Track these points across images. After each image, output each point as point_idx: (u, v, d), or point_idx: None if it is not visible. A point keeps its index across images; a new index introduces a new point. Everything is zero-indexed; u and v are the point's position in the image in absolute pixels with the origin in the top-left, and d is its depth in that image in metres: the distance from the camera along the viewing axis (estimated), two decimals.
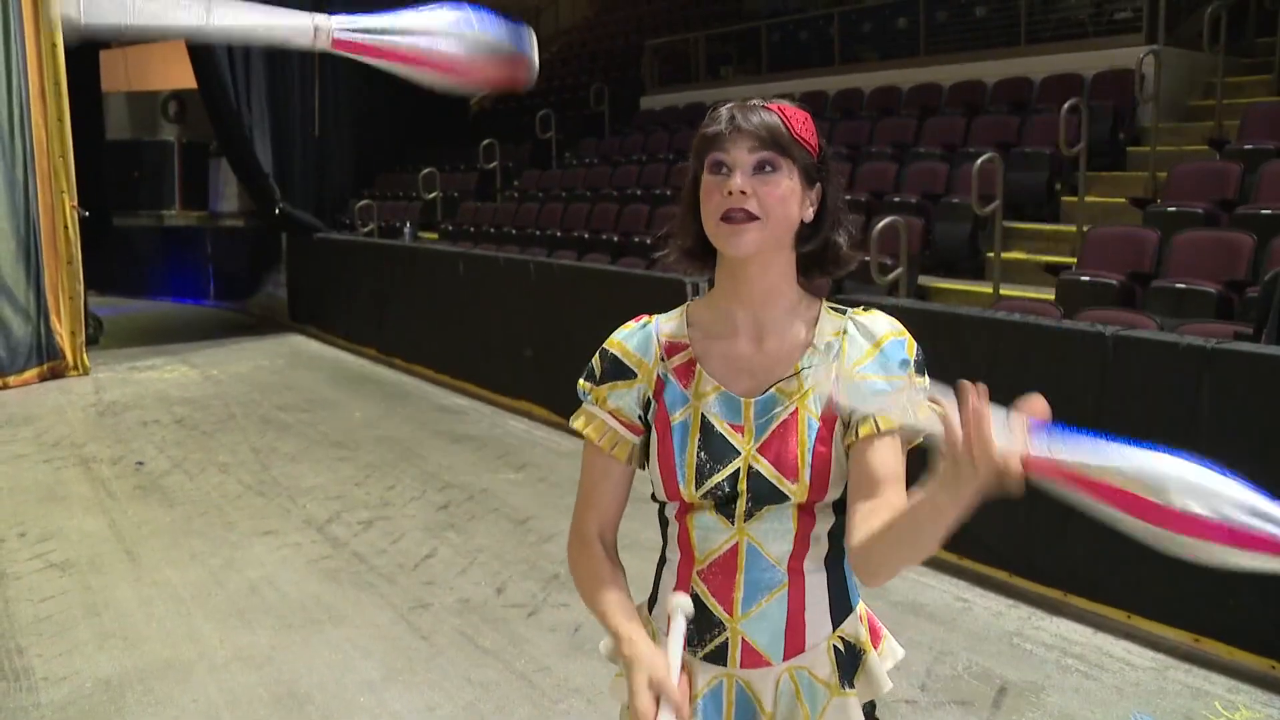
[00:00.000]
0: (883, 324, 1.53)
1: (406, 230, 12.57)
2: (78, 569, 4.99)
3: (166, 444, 7.35)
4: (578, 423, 1.65)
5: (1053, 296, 6.14)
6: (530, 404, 8.08)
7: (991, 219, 7.23)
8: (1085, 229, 7.01)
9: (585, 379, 1.64)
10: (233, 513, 5.82)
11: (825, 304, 1.58)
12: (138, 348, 11.60)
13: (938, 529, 1.27)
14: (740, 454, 1.49)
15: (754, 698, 1.54)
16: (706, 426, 1.51)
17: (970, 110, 9.59)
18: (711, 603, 1.53)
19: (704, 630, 1.54)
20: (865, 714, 1.58)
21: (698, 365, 1.55)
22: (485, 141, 13.52)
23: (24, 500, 6.09)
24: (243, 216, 15.30)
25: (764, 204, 1.44)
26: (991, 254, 7.33)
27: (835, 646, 1.55)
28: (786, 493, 1.48)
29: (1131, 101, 8.60)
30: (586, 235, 10.27)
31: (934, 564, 4.86)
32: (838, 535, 1.53)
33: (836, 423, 1.49)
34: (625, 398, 1.59)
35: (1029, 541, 4.51)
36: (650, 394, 1.57)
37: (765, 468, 1.48)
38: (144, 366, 10.49)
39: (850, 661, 1.56)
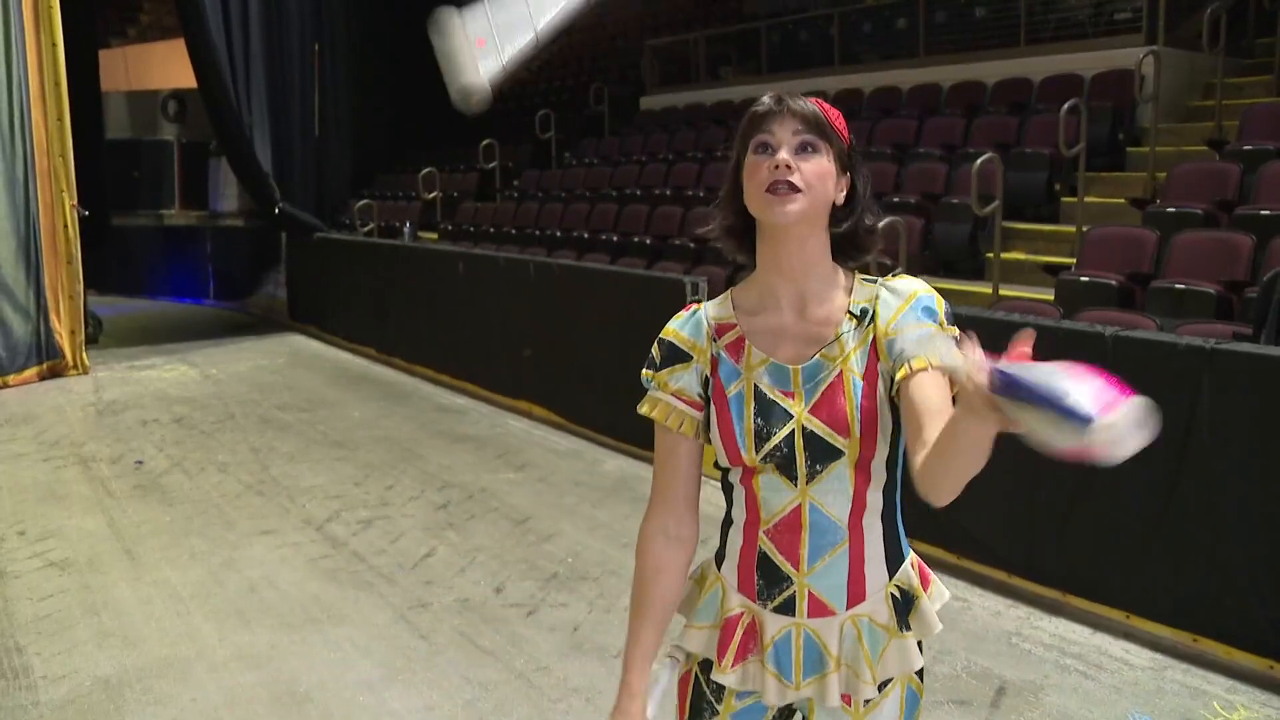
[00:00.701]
0: (911, 284, 1.67)
1: (406, 230, 12.57)
2: (77, 568, 4.99)
3: (166, 443, 7.35)
4: (644, 409, 1.75)
5: (1052, 297, 6.15)
6: (530, 404, 8.08)
7: (991, 219, 7.24)
8: (1085, 229, 7.02)
9: (647, 368, 1.75)
10: (232, 512, 5.82)
11: (858, 275, 1.71)
12: (137, 347, 11.60)
13: (977, 442, 1.43)
14: (793, 416, 1.62)
15: (821, 644, 1.66)
16: (760, 395, 1.64)
17: (970, 111, 9.59)
18: (779, 559, 1.66)
19: (773, 585, 1.67)
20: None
21: (746, 341, 1.67)
22: (485, 142, 13.53)
23: (23, 499, 6.09)
24: (242, 216, 15.30)
25: (806, 178, 1.58)
26: (991, 254, 7.34)
27: (892, 594, 1.68)
28: (840, 447, 1.60)
29: (1131, 102, 8.61)
30: (586, 235, 10.28)
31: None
32: (890, 492, 1.66)
33: (879, 380, 1.61)
34: (685, 378, 1.71)
35: (1028, 541, 4.51)
36: (707, 373, 1.69)
37: (819, 426, 1.60)
38: (143, 366, 10.49)
39: (905, 606, 1.68)
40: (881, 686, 1.69)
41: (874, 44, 12.30)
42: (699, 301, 1.77)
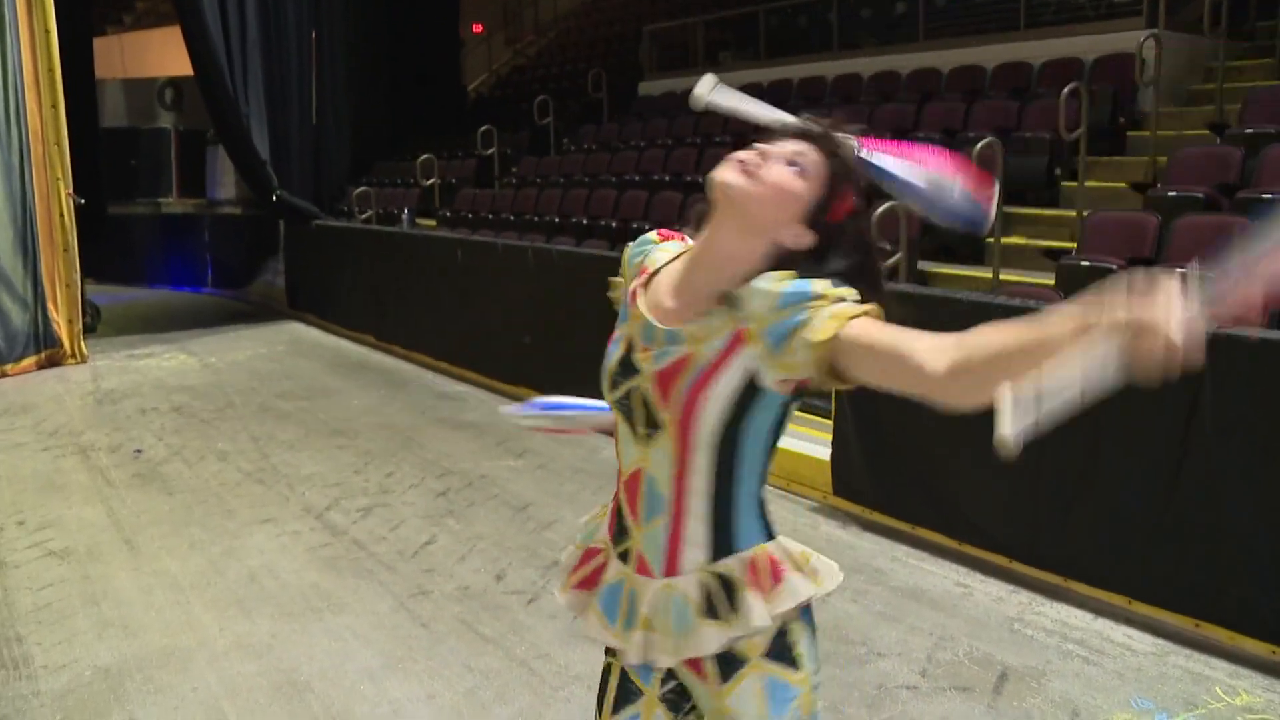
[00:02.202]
0: (777, 278, 1.58)
1: (405, 217, 12.54)
2: (76, 557, 4.99)
3: (165, 432, 7.34)
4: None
5: (1052, 281, 6.13)
6: (529, 390, 8.06)
7: None
8: (1085, 214, 6.99)
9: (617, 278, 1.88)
10: (232, 501, 5.81)
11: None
12: (136, 336, 11.58)
13: (1084, 355, 1.35)
14: (639, 373, 1.66)
15: (638, 600, 1.70)
16: (630, 344, 1.70)
17: (969, 95, 9.55)
18: (626, 511, 1.73)
19: (620, 534, 1.75)
20: (772, 657, 1.67)
21: (644, 291, 1.73)
22: (483, 128, 13.47)
23: (22, 489, 6.08)
24: (240, 204, 15.25)
25: (764, 175, 1.57)
26: (991, 239, 7.31)
27: (703, 581, 1.66)
28: (660, 421, 1.64)
29: (1132, 86, 8.57)
30: (585, 221, 10.25)
31: (934, 549, 4.86)
32: (723, 482, 1.64)
33: (730, 369, 1.58)
34: (619, 289, 1.83)
35: (1030, 527, 4.50)
36: (625, 302, 1.78)
37: (650, 392, 1.64)
38: (142, 354, 10.47)
39: (721, 595, 1.64)
40: (729, 670, 1.66)
41: (873, 28, 12.25)
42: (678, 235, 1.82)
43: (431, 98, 15.68)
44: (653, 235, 1.84)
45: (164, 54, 16.61)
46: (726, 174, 1.59)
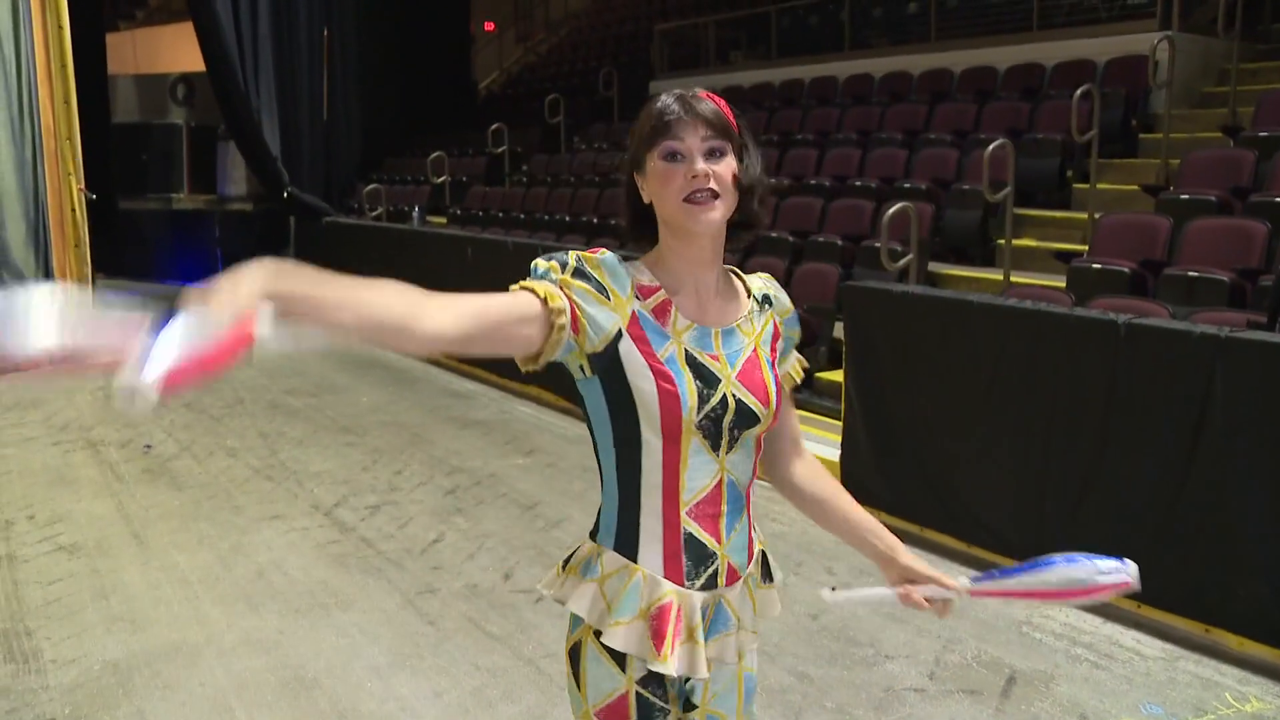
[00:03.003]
0: (784, 294, 1.82)
1: (415, 214, 12.55)
2: (86, 552, 5.00)
3: (174, 428, 7.36)
4: (523, 284, 1.64)
5: (1064, 284, 6.11)
6: (539, 389, 8.07)
7: (1002, 206, 7.20)
8: (1097, 216, 6.98)
9: (552, 262, 1.65)
10: (240, 497, 5.82)
11: (733, 268, 1.78)
12: None
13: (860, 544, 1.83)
14: (722, 380, 1.64)
15: (730, 608, 1.71)
16: (691, 358, 1.63)
17: (981, 96, 9.53)
18: (704, 537, 1.66)
19: (699, 564, 1.67)
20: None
21: (673, 305, 1.65)
22: (494, 126, 13.49)
23: (33, 483, 6.10)
24: (251, 200, 15.30)
25: (722, 183, 1.60)
26: (1002, 241, 7.30)
27: (763, 550, 1.81)
28: (760, 416, 1.66)
29: (1144, 88, 8.54)
30: (595, 220, 10.25)
31: (943, 551, 4.85)
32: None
33: (772, 355, 1.74)
34: (596, 310, 1.59)
35: (1038, 529, 4.49)
36: (623, 327, 1.60)
37: (744, 394, 1.65)
38: None
39: (765, 561, 1.82)
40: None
41: (885, 28, 12.23)
42: (605, 249, 1.69)
43: (442, 95, 15.71)
44: (595, 254, 1.66)
45: (176, 50, 16.65)
46: (707, 215, 1.60)
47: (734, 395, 1.63)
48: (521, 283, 1.65)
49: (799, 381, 1.81)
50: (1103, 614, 4.20)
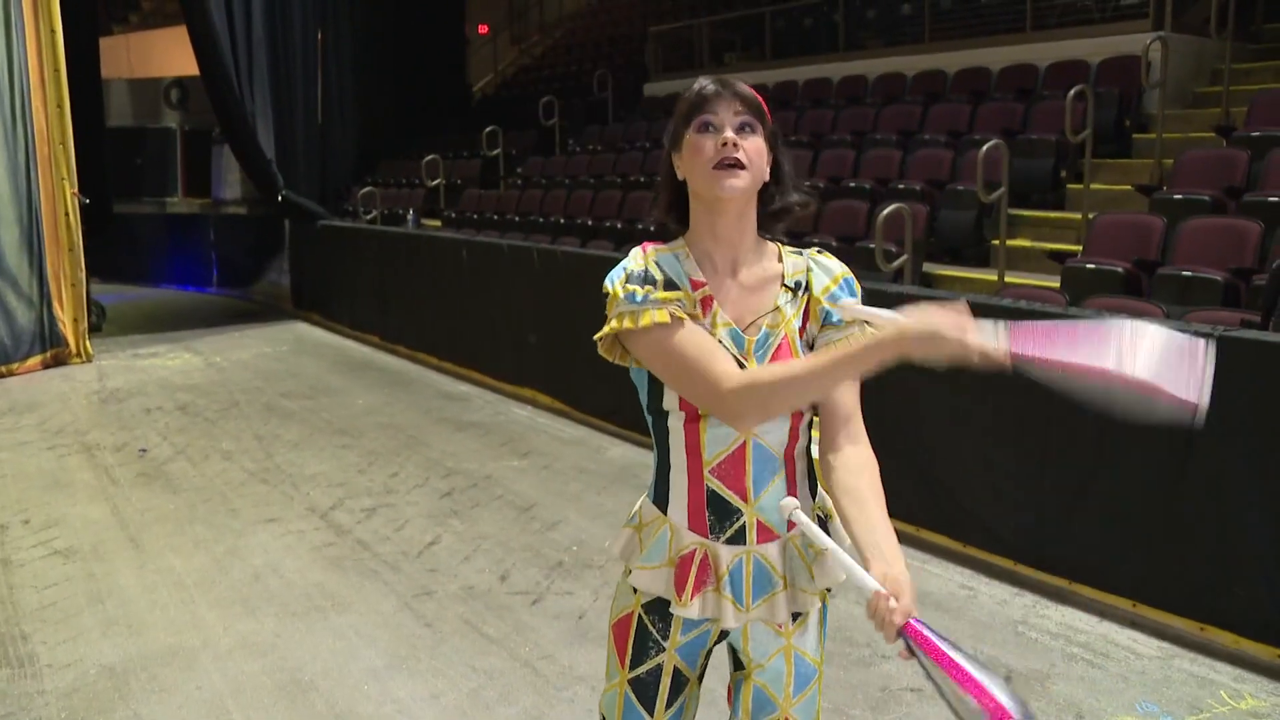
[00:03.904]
0: (837, 265, 1.86)
1: (410, 217, 12.54)
2: (81, 556, 4.99)
3: (170, 431, 7.35)
4: (639, 320, 1.73)
5: (1058, 284, 6.11)
6: (534, 391, 8.07)
7: (996, 206, 7.20)
8: (1091, 216, 6.99)
9: (632, 283, 1.76)
10: (236, 500, 5.82)
11: (784, 247, 1.87)
12: (141, 335, 11.60)
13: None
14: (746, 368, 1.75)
15: (769, 566, 1.81)
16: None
17: (975, 97, 9.54)
18: (728, 494, 1.80)
19: (724, 519, 1.80)
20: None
21: (715, 302, 1.79)
22: (489, 128, 13.48)
23: (28, 487, 6.09)
24: (246, 203, 15.27)
25: (749, 155, 1.73)
26: (996, 241, 7.30)
27: (817, 515, 1.88)
28: None
29: (1138, 88, 8.55)
30: (590, 222, 10.25)
31: (939, 552, 4.86)
32: (809, 429, 1.85)
33: (803, 341, 1.81)
34: (680, 303, 1.76)
35: (1035, 530, 4.50)
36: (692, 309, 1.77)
37: None
38: (147, 354, 10.49)
39: (824, 526, 1.87)
40: (793, 616, 1.86)
41: (879, 30, 12.24)
42: (651, 246, 1.84)
43: (437, 98, 15.69)
44: (648, 252, 1.81)
45: (170, 53, 16.63)
46: (732, 182, 1.72)
47: None
48: (630, 322, 1.74)
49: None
50: (1099, 613, 4.21)
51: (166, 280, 16.15)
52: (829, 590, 1.88)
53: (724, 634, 1.90)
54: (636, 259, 1.80)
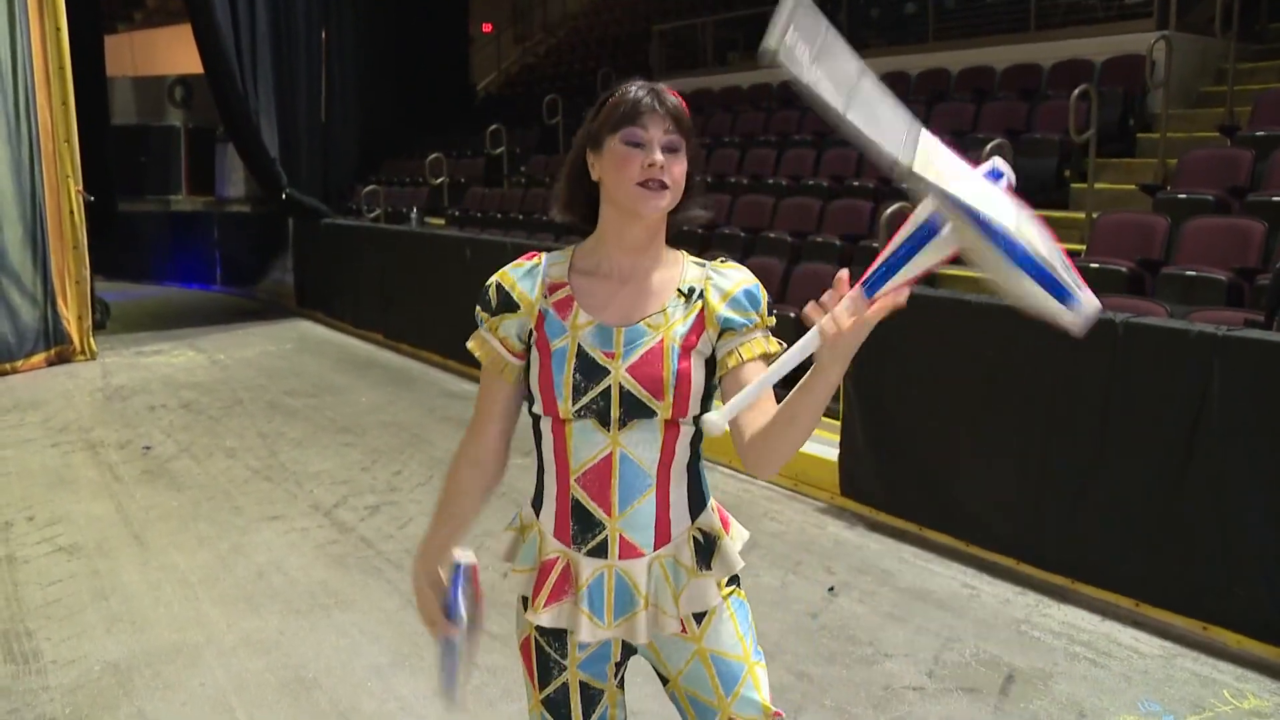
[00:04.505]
0: (737, 274, 1.81)
1: (413, 215, 12.56)
2: (85, 553, 5.00)
3: (174, 429, 7.36)
4: (471, 345, 1.90)
5: None
6: None
7: None
8: (1095, 216, 6.98)
9: (481, 308, 1.88)
10: (240, 497, 5.83)
11: (688, 257, 1.84)
12: (144, 333, 11.61)
13: (816, 403, 1.58)
14: (610, 373, 1.73)
15: (631, 584, 1.78)
16: (581, 353, 1.75)
17: (979, 96, 9.54)
18: (591, 505, 1.78)
19: (586, 530, 1.79)
20: (728, 584, 1.86)
21: (575, 301, 1.79)
22: (492, 127, 13.48)
23: (32, 484, 6.10)
24: (249, 202, 15.30)
25: (674, 178, 1.72)
26: None
27: (695, 537, 1.81)
28: (654, 408, 1.73)
29: (1142, 88, 8.55)
30: None
31: (942, 551, 4.86)
32: (696, 444, 1.80)
33: (698, 348, 1.75)
34: (510, 327, 1.83)
35: (1037, 528, 4.50)
36: (531, 326, 1.80)
37: (634, 386, 1.73)
38: (151, 351, 10.50)
39: (707, 548, 1.81)
40: (700, 615, 1.82)
41: (882, 29, 12.24)
42: (540, 252, 1.89)
43: (440, 96, 15.70)
44: (523, 261, 1.88)
45: (174, 52, 16.65)
46: (655, 203, 1.72)
47: (622, 387, 1.72)
48: (469, 346, 1.90)
49: (756, 357, 1.74)
50: (1101, 612, 4.21)
51: (170, 278, 16.16)
52: (734, 583, 1.86)
53: (631, 650, 1.88)
54: (508, 270, 1.86)
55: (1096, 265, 5.97)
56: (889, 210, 6.49)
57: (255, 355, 10.28)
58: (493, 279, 1.87)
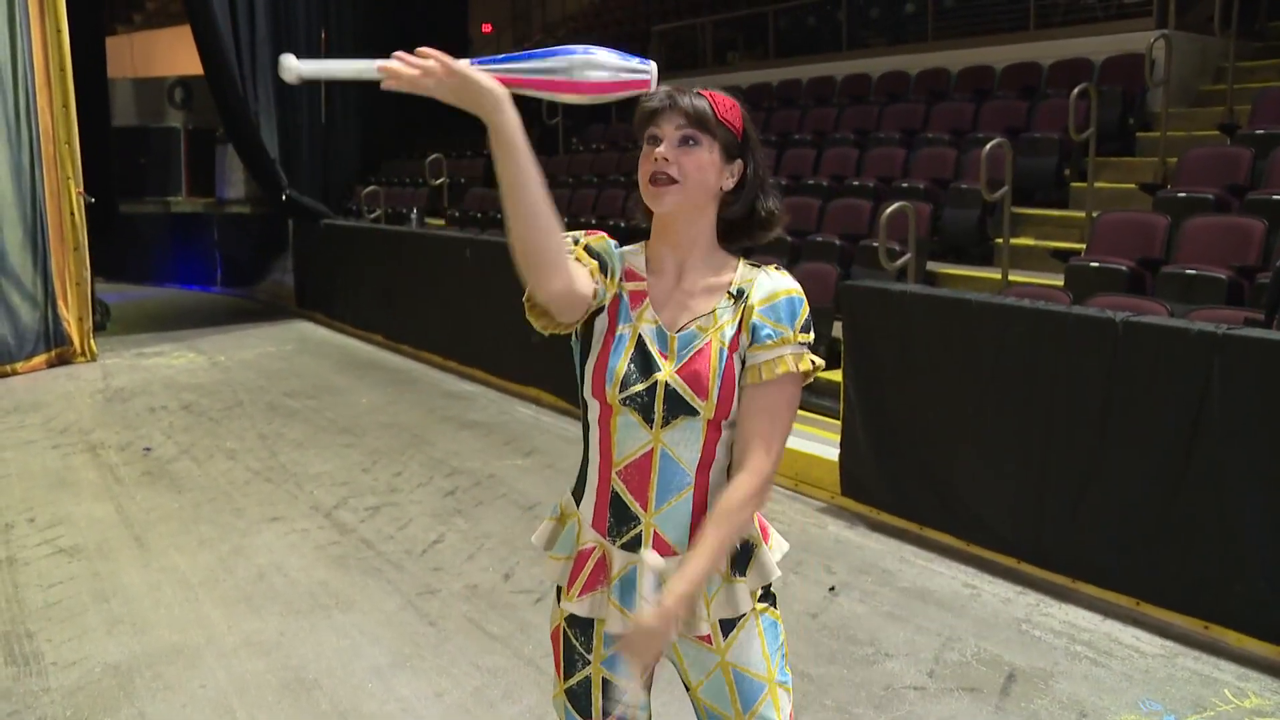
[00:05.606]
0: (786, 282, 1.81)
1: (413, 216, 12.56)
2: (86, 555, 5.01)
3: (174, 430, 7.36)
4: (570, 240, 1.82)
5: (1062, 282, 6.12)
6: (538, 390, 8.07)
7: (1000, 205, 7.20)
8: (1094, 215, 6.99)
9: (592, 240, 1.83)
10: (240, 499, 5.83)
11: (744, 261, 1.85)
12: (145, 334, 11.61)
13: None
14: (661, 371, 1.76)
15: (663, 580, 1.75)
16: (641, 345, 1.78)
17: (979, 95, 9.54)
18: (629, 499, 1.80)
19: (622, 523, 1.81)
20: (762, 595, 1.86)
21: (646, 298, 1.82)
22: None
23: (33, 486, 6.10)
24: (250, 203, 15.30)
25: (683, 170, 1.73)
26: (1000, 240, 7.31)
27: (738, 542, 1.81)
28: (696, 408, 1.75)
29: (1141, 86, 8.55)
30: (593, 221, 10.25)
31: (942, 550, 4.86)
32: (732, 450, 1.81)
33: (737, 353, 1.77)
34: (606, 262, 1.80)
35: (1038, 528, 4.50)
36: (606, 301, 1.81)
37: (680, 386, 1.75)
38: (151, 353, 10.51)
39: (742, 555, 1.82)
40: (729, 626, 1.82)
41: (882, 28, 12.24)
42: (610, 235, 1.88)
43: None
44: (606, 240, 1.87)
45: (174, 53, 16.66)
46: (654, 196, 1.75)
47: (668, 384, 1.75)
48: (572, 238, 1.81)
49: (788, 374, 1.74)
50: (1102, 611, 4.21)
51: (170, 279, 16.16)
52: (769, 601, 1.86)
53: None
54: (608, 239, 1.86)
55: (1096, 264, 5.97)
56: (888, 210, 6.49)
57: (255, 356, 10.28)
58: (600, 237, 1.83)
